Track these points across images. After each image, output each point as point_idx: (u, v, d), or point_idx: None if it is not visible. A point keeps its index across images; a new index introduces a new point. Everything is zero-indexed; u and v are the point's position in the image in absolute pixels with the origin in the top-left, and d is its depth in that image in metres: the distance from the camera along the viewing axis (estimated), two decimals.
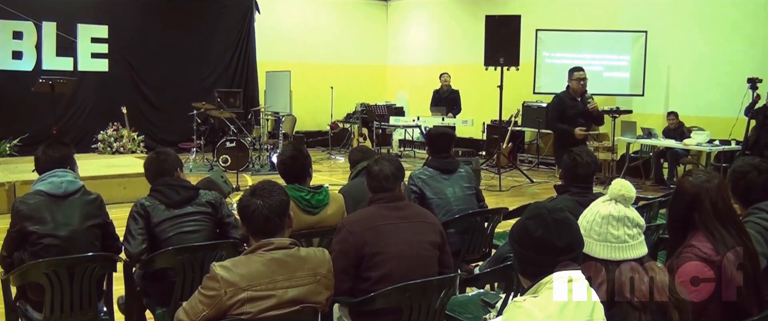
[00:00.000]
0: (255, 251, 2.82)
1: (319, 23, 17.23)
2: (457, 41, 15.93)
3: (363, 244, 3.30)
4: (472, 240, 4.81)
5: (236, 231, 4.08)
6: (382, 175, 3.54)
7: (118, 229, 4.18)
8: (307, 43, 16.82)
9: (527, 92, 13.05)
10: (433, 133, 5.33)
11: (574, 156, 4.10)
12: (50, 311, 3.68)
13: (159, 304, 3.86)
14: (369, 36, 18.11)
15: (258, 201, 2.85)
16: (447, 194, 4.95)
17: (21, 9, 12.25)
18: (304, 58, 16.53)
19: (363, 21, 18.06)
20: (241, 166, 11.79)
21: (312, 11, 17.18)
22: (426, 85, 14.69)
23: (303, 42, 16.75)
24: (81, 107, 13.77)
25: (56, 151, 4.04)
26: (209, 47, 15.28)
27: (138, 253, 3.84)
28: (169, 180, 4.03)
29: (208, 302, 2.72)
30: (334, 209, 4.19)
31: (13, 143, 12.51)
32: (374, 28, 18.23)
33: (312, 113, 16.38)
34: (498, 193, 10.38)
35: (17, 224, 3.80)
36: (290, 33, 16.67)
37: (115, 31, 13.42)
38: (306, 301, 2.86)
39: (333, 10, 17.54)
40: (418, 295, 3.25)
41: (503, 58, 11.02)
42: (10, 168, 10.30)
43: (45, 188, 3.85)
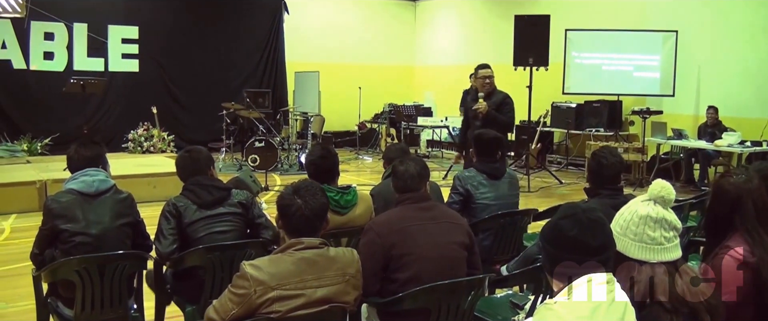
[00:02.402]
0: (285, 250, 2.83)
1: (348, 24, 17.27)
2: (486, 41, 15.86)
3: (391, 245, 3.29)
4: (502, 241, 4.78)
5: (266, 231, 4.10)
6: (408, 174, 3.53)
7: (148, 227, 4.21)
8: (336, 43, 16.86)
9: (556, 93, 12.97)
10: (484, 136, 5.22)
11: (598, 159, 4.04)
12: (81, 308, 3.73)
13: (188, 302, 3.89)
14: (397, 36, 18.10)
15: (300, 201, 2.86)
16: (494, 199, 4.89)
17: (53, 11, 12.41)
18: (333, 59, 16.57)
19: (391, 21, 18.06)
20: (269, 166, 11.84)
21: (340, 12, 17.22)
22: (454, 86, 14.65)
23: (331, 42, 16.79)
24: (111, 107, 13.93)
25: (88, 150, 4.07)
26: (238, 48, 15.38)
27: (168, 253, 3.88)
28: (201, 179, 4.05)
29: (237, 301, 2.73)
30: (362, 209, 4.20)
31: (45, 142, 12.70)
32: (402, 28, 18.23)
33: (340, 113, 16.41)
34: (527, 194, 10.31)
35: (49, 222, 3.84)
36: (319, 34, 16.72)
37: (145, 32, 13.55)
38: (334, 300, 2.87)
39: (361, 10, 17.57)
40: (447, 296, 3.23)
41: (532, 59, 10.96)
42: (42, 167, 10.45)
43: (77, 187, 3.88)
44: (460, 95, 13.45)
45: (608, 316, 2.12)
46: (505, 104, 7.39)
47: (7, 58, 12.04)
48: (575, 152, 13.30)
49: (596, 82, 12.66)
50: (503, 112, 7.35)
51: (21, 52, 12.10)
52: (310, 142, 13.31)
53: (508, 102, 7.44)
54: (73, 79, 10.57)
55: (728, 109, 11.02)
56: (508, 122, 7.48)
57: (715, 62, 11.57)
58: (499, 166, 5.10)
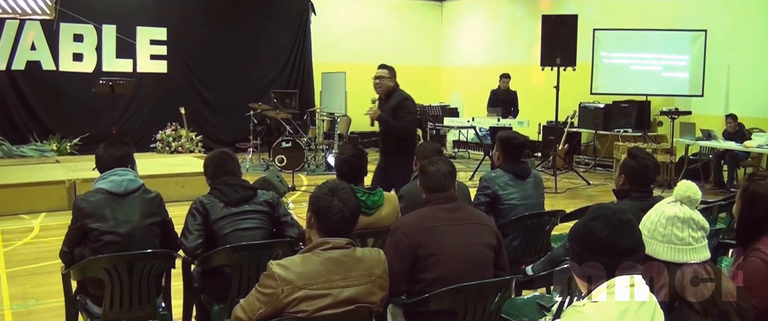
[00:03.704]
0: (312, 250, 2.84)
1: (374, 25, 17.28)
2: (513, 41, 15.80)
3: (417, 245, 3.28)
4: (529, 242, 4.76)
5: (292, 230, 4.12)
6: (440, 174, 3.52)
7: (176, 227, 4.24)
8: (362, 44, 16.87)
9: (584, 93, 12.88)
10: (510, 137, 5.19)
11: (643, 160, 3.99)
12: (110, 306, 3.77)
13: (216, 301, 3.91)
14: (424, 37, 18.08)
15: (339, 202, 2.88)
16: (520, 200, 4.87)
17: (82, 12, 12.54)
18: (359, 60, 16.55)
19: (418, 22, 18.04)
20: (296, 166, 11.89)
21: (367, 13, 17.24)
22: (481, 86, 14.63)
23: (358, 43, 16.80)
24: (140, 108, 14.06)
25: (118, 149, 4.12)
26: (266, 49, 15.45)
27: (193, 248, 3.92)
28: (229, 179, 4.10)
29: (265, 300, 2.74)
30: (389, 210, 4.21)
31: (74, 142, 12.86)
32: (429, 28, 18.20)
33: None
34: (554, 195, 10.25)
35: (78, 221, 3.88)
36: (345, 34, 16.76)
37: (173, 33, 13.66)
38: (361, 300, 2.87)
39: (388, 11, 17.57)
40: (474, 297, 3.22)
41: (560, 58, 10.92)
42: (71, 166, 10.58)
43: (106, 186, 3.93)
44: (487, 95, 13.46)
45: (637, 318, 2.11)
46: (402, 108, 6.60)
47: (36, 60, 12.19)
48: (603, 153, 13.21)
49: (624, 82, 12.56)
50: (399, 116, 6.57)
51: (50, 54, 12.24)
52: (337, 143, 13.34)
53: (405, 105, 6.62)
54: (102, 80, 10.68)
55: (758, 109, 10.89)
56: (401, 127, 6.59)
57: (744, 62, 11.42)
58: (526, 166, 5.08)
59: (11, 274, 6.44)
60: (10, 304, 5.60)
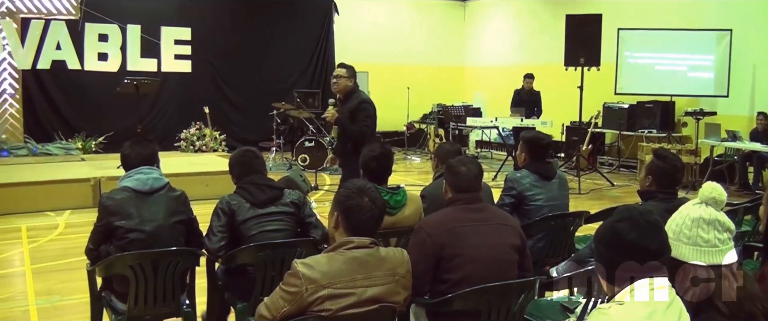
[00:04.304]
0: (336, 249, 2.84)
1: (397, 24, 17.28)
2: (537, 41, 15.73)
3: (441, 245, 3.27)
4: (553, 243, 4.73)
5: (316, 231, 4.13)
6: (471, 174, 3.50)
7: (201, 225, 4.27)
8: (385, 44, 16.89)
9: (608, 93, 12.80)
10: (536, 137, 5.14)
11: (672, 162, 3.95)
12: (134, 302, 3.80)
13: (239, 299, 3.93)
14: (446, 36, 18.06)
15: (368, 201, 2.88)
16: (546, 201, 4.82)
17: (107, 12, 12.64)
18: (382, 60, 16.59)
19: (440, 22, 18.02)
20: (319, 166, 11.92)
21: (390, 13, 17.25)
22: (504, 86, 14.59)
23: (380, 43, 16.82)
24: (164, 107, 14.17)
25: (145, 148, 4.15)
26: (289, 49, 15.50)
27: (216, 250, 3.94)
28: (255, 179, 4.10)
29: (289, 298, 2.74)
30: (412, 210, 4.20)
31: (99, 141, 12.99)
32: (452, 28, 18.17)
33: (388, 114, 16.33)
34: (577, 196, 10.19)
35: (104, 219, 3.91)
36: (368, 34, 16.77)
37: (197, 33, 13.72)
38: (384, 300, 2.87)
39: (410, 11, 17.57)
40: (497, 298, 3.21)
41: (584, 58, 10.85)
42: (96, 164, 10.69)
43: (131, 185, 3.95)
44: (510, 95, 13.42)
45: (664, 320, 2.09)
46: (360, 111, 6.35)
47: (62, 59, 12.29)
48: (627, 154, 13.12)
49: (649, 83, 12.47)
50: (357, 119, 6.33)
51: (75, 53, 12.34)
52: None
53: (363, 108, 6.37)
54: (126, 79, 10.75)
55: None
56: (359, 131, 6.31)
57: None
58: (551, 167, 5.05)
59: (37, 270, 6.51)
60: (36, 299, 5.66)
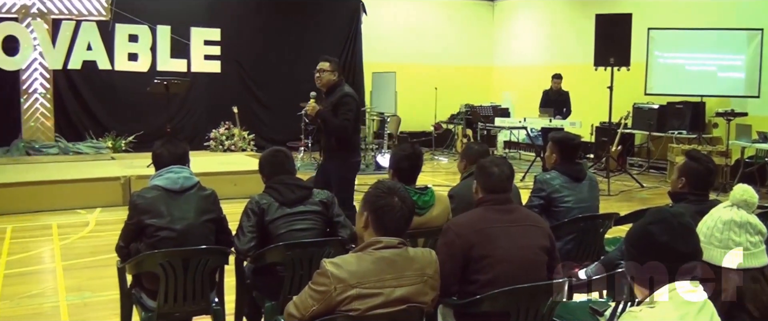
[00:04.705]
0: (364, 249, 2.85)
1: (425, 24, 17.27)
2: (566, 41, 15.63)
3: (470, 246, 3.25)
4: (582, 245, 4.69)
5: (344, 230, 4.13)
6: (504, 175, 3.49)
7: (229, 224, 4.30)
8: (413, 44, 16.89)
9: (638, 93, 12.70)
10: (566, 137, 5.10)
11: (706, 164, 3.90)
12: (164, 300, 3.84)
13: (268, 298, 3.95)
14: (475, 36, 18.00)
15: (399, 201, 2.89)
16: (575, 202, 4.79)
17: (137, 14, 12.76)
18: (409, 59, 16.59)
19: (469, 21, 17.98)
20: None
21: (417, 13, 17.24)
22: (533, 86, 14.53)
23: (408, 43, 16.83)
24: (194, 107, 14.28)
25: (178, 148, 4.20)
26: (317, 48, 15.43)
27: (245, 250, 3.95)
28: (285, 178, 4.12)
29: (317, 297, 2.76)
30: (440, 210, 4.19)
31: (129, 140, 13.14)
32: (480, 28, 18.12)
33: (416, 114, 16.42)
34: (607, 197, 10.10)
35: (135, 217, 3.95)
36: (396, 34, 16.80)
37: (227, 34, 13.78)
38: (412, 300, 2.86)
39: (439, 10, 17.54)
40: (526, 300, 3.19)
41: (613, 58, 10.76)
42: (126, 163, 10.82)
43: (162, 183, 3.99)
44: (539, 96, 13.36)
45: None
46: (342, 104, 6.29)
47: (92, 59, 12.41)
48: (657, 155, 12.99)
49: (679, 83, 12.35)
50: (339, 113, 6.28)
51: (106, 54, 12.45)
52: (386, 142, 13.39)
53: (345, 102, 6.30)
54: (156, 79, 10.85)
55: None
56: (340, 126, 6.29)
57: None
58: (581, 168, 5.01)
59: (67, 266, 6.60)
60: (66, 295, 5.74)
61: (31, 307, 5.50)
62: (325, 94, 6.54)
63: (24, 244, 7.48)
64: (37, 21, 12.08)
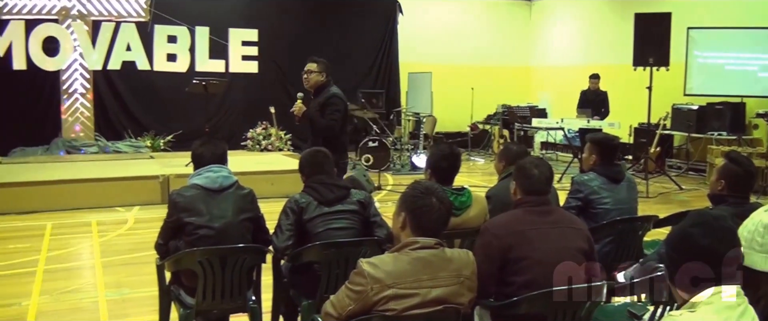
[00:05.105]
0: (401, 250, 2.85)
1: (461, 25, 17.22)
2: (604, 41, 15.46)
3: (508, 248, 3.24)
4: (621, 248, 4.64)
5: (381, 230, 4.14)
6: (543, 177, 3.48)
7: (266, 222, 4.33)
8: (449, 44, 16.85)
9: (677, 94, 12.52)
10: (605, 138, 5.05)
11: (747, 166, 3.84)
12: (202, 297, 3.89)
13: (305, 296, 3.97)
14: (512, 36, 17.89)
15: (437, 201, 2.89)
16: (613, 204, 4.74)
17: (176, 15, 12.91)
18: (446, 60, 16.55)
19: (506, 21, 17.88)
20: (382, 166, 11.98)
21: (454, 13, 17.19)
22: (571, 86, 14.41)
23: (445, 43, 16.78)
24: (231, 107, 14.39)
25: (217, 147, 4.25)
26: (354, 49, 15.59)
27: (283, 248, 3.98)
28: (324, 178, 4.15)
29: (354, 297, 2.77)
30: (477, 211, 4.18)
31: (167, 139, 13.31)
32: (517, 28, 18.00)
33: (452, 114, 16.37)
34: (645, 199, 9.97)
35: (174, 215, 4.01)
36: (432, 34, 16.76)
37: (264, 34, 13.88)
38: (449, 301, 2.86)
39: (475, 11, 17.47)
40: (564, 303, 3.16)
41: (653, 58, 10.63)
42: (164, 162, 10.97)
43: (201, 182, 4.04)
44: (577, 96, 13.25)
45: None
46: (329, 105, 6.37)
47: (132, 60, 12.60)
48: (696, 157, 12.80)
49: (719, 83, 12.17)
50: (326, 113, 6.37)
51: (145, 54, 12.63)
52: (422, 143, 13.39)
53: (332, 102, 6.39)
54: (195, 79, 10.96)
55: None
56: (326, 126, 6.37)
57: None
58: (620, 169, 4.96)
59: (106, 263, 6.70)
60: (106, 291, 5.83)
61: (70, 302, 5.59)
62: (313, 95, 6.61)
63: (64, 240, 7.62)
64: (77, 22, 12.30)
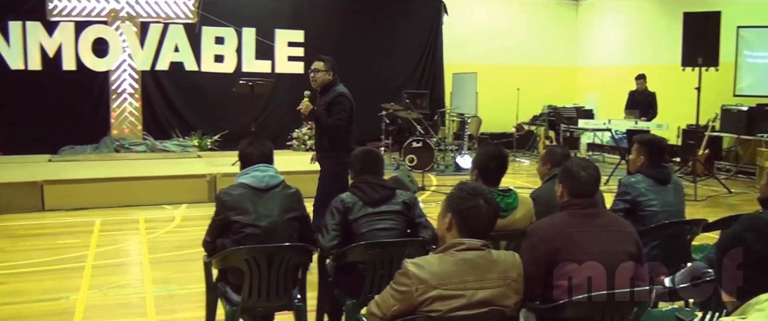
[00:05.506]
0: (446, 251, 2.84)
1: (507, 25, 17.13)
2: (652, 40, 15.23)
3: (555, 251, 3.20)
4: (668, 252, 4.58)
5: (426, 231, 4.15)
6: (592, 179, 3.45)
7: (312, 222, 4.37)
8: (494, 44, 16.77)
9: (727, 95, 12.31)
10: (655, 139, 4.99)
11: None
12: (248, 295, 3.93)
13: (349, 296, 4.00)
14: (558, 36, 17.74)
15: (485, 203, 2.88)
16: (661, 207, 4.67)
17: (223, 16, 13.07)
18: (491, 60, 16.48)
19: (552, 21, 17.73)
20: (426, 167, 11.96)
21: (499, 13, 17.11)
22: (618, 87, 14.24)
23: (490, 43, 16.71)
24: (277, 107, 14.50)
25: (265, 147, 4.31)
26: (399, 49, 15.62)
27: (329, 248, 4.03)
28: (369, 178, 4.19)
29: (399, 297, 2.77)
30: (523, 213, 4.15)
31: (214, 139, 13.46)
32: (563, 28, 17.84)
33: (497, 115, 16.27)
34: (693, 203, 9.80)
35: (221, 213, 4.06)
36: (477, 35, 16.69)
37: (310, 35, 13.96)
38: (495, 303, 2.84)
39: (521, 10, 17.36)
40: (611, 307, 3.13)
41: (701, 58, 10.44)
42: (211, 161, 11.12)
43: (248, 181, 4.09)
44: (624, 97, 13.09)
45: None
46: (336, 104, 6.39)
47: (179, 61, 12.78)
48: (745, 159, 12.55)
49: None
50: (332, 113, 6.37)
51: (193, 55, 12.80)
52: (466, 144, 13.36)
53: (339, 102, 6.40)
54: (242, 80, 11.07)
55: None
56: (332, 125, 6.37)
57: None
58: (667, 171, 4.89)
59: (154, 259, 6.83)
60: (153, 287, 5.94)
61: (118, 297, 5.72)
62: (320, 94, 6.62)
63: (112, 236, 7.78)
64: (126, 24, 12.55)
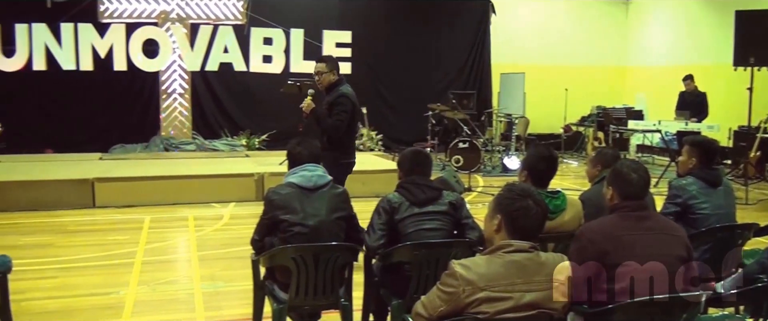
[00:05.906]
0: (494, 252, 2.83)
1: (555, 24, 16.99)
2: (704, 39, 14.94)
3: (604, 253, 3.17)
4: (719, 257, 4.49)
5: (473, 232, 4.14)
6: (642, 182, 3.41)
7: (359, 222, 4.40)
8: (542, 44, 16.65)
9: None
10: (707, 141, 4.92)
11: None
12: (295, 293, 3.98)
13: (395, 296, 4.00)
14: (607, 36, 17.52)
15: (534, 204, 2.87)
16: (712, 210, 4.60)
17: (271, 18, 13.20)
18: (539, 60, 16.37)
19: (601, 21, 17.52)
20: (472, 167, 11.94)
21: (548, 12, 16.98)
22: (668, 87, 14.02)
23: (538, 43, 16.60)
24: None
25: (314, 147, 4.36)
26: (446, 50, 15.61)
27: (375, 247, 4.05)
28: (416, 179, 4.19)
29: (445, 298, 2.76)
30: (572, 215, 4.11)
31: (262, 138, 13.61)
32: (613, 27, 17.61)
33: (545, 115, 16.14)
34: (744, 206, 9.57)
35: (269, 212, 4.12)
36: (525, 34, 16.60)
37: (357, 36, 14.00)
38: (542, 306, 2.82)
39: (570, 10, 17.20)
40: (661, 312, 3.08)
41: (754, 58, 10.26)
42: (259, 160, 11.25)
43: (296, 181, 4.14)
44: (675, 97, 12.89)
45: None
46: (337, 105, 6.33)
47: (229, 61, 12.93)
48: None
49: None
50: (333, 113, 6.33)
51: (241, 56, 12.93)
52: (514, 144, 13.29)
53: (340, 102, 6.33)
54: (290, 80, 11.20)
55: None
56: (332, 125, 6.33)
57: None
58: (719, 173, 4.81)
59: (202, 256, 6.93)
60: (201, 284, 6.03)
61: (167, 293, 5.82)
62: (325, 94, 6.60)
63: (161, 233, 7.91)
64: (176, 25, 12.79)
